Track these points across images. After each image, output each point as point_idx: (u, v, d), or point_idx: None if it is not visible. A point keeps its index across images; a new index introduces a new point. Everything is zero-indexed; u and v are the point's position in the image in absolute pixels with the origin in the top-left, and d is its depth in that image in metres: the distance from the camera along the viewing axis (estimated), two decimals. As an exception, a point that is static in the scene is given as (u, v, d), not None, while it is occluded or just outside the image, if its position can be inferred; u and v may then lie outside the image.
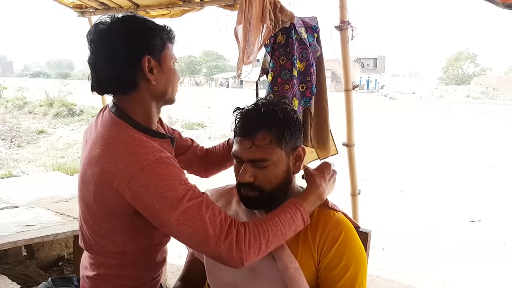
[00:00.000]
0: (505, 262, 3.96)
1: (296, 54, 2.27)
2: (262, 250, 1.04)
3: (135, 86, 1.15)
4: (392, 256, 3.92)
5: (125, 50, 1.12)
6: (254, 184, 1.11)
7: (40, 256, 3.28)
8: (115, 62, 1.12)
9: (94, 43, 1.14)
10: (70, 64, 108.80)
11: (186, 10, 2.98)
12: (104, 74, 1.14)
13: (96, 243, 1.21)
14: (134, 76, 1.14)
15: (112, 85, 1.16)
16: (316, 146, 2.56)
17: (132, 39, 1.13)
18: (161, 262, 1.35)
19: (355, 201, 2.57)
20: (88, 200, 1.16)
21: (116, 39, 1.12)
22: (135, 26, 1.15)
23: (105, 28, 1.13)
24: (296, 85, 2.30)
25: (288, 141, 1.11)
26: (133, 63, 1.13)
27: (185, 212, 1.02)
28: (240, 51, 2.16)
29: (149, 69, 1.14)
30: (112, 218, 1.15)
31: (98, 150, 1.11)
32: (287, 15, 2.24)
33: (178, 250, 1.40)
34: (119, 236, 1.18)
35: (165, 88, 1.20)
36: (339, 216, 1.16)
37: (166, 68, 1.19)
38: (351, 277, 1.09)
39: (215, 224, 1.02)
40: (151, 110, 1.20)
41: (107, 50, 1.13)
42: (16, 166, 8.54)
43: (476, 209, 5.60)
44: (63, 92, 17.72)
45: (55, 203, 3.05)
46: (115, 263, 1.23)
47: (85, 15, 3.48)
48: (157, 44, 1.16)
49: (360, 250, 1.13)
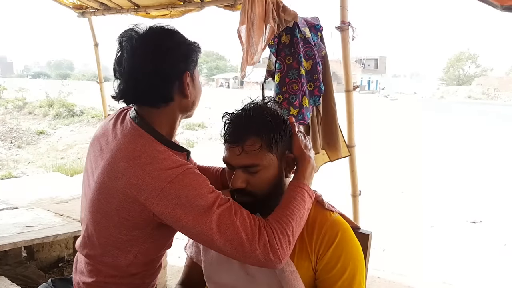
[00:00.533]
0: (506, 263, 3.95)
1: (302, 53, 2.26)
2: (291, 242, 1.05)
3: (171, 100, 1.15)
4: (393, 257, 3.91)
5: (172, 64, 1.12)
6: (246, 189, 1.10)
7: (40, 257, 3.26)
8: (159, 75, 1.11)
9: (136, 50, 1.11)
10: (70, 64, 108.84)
11: (186, 11, 2.97)
12: (144, 84, 1.12)
13: (105, 253, 1.18)
14: (173, 90, 1.14)
15: (149, 97, 1.14)
16: (326, 147, 2.52)
17: (179, 54, 1.13)
18: (159, 268, 1.34)
19: (356, 202, 2.57)
20: (108, 212, 1.12)
21: (164, 52, 1.11)
22: (181, 41, 1.15)
23: (150, 36, 1.13)
24: (305, 84, 2.29)
25: (279, 144, 1.10)
26: (176, 77, 1.14)
27: (217, 219, 1.01)
28: (244, 51, 2.15)
29: (188, 85, 1.16)
30: (132, 230, 1.13)
31: (123, 163, 1.08)
32: (290, 14, 2.23)
33: (179, 252, 1.39)
34: (134, 247, 1.16)
35: (194, 103, 1.22)
36: (335, 217, 1.16)
37: (196, 84, 1.21)
38: (348, 278, 1.08)
39: (246, 228, 1.02)
40: (176, 123, 1.21)
41: (152, 60, 1.10)
42: (16, 167, 8.54)
43: (477, 210, 5.59)
44: (63, 93, 17.72)
45: (55, 204, 3.05)
46: (116, 273, 1.21)
47: (85, 16, 3.48)
48: (194, 60, 1.18)
49: (358, 250, 1.12)
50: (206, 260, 1.23)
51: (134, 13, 3.18)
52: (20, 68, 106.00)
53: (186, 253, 1.34)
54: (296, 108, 2.29)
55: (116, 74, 1.15)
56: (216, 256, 1.20)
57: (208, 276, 1.23)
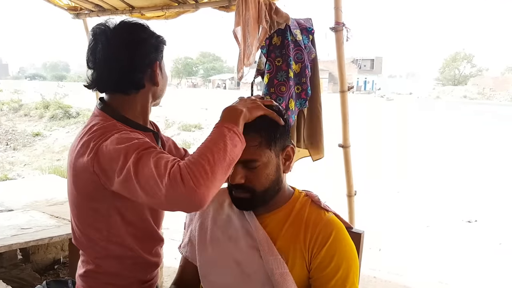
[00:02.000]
0: (501, 262, 3.97)
1: (292, 56, 2.28)
2: (209, 172, 0.97)
3: (142, 87, 1.24)
4: (388, 257, 3.92)
5: (144, 54, 1.22)
6: (245, 185, 1.12)
7: (35, 259, 3.26)
8: (133, 64, 1.20)
9: (111, 41, 1.19)
10: (66, 66, 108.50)
11: (181, 12, 2.98)
12: (118, 73, 1.20)
13: (82, 233, 1.25)
14: (144, 78, 1.23)
15: (122, 84, 1.22)
16: (309, 147, 2.57)
17: (150, 45, 1.23)
18: (151, 264, 1.35)
19: (351, 202, 2.58)
20: (72, 190, 1.22)
21: (136, 42, 1.21)
22: (151, 34, 1.25)
23: (124, 29, 1.22)
24: (292, 87, 2.31)
25: (277, 142, 1.13)
26: (148, 66, 1.23)
27: (136, 162, 1.01)
28: (241, 52, 2.17)
29: (158, 73, 1.26)
30: (93, 203, 1.19)
31: (78, 138, 1.19)
32: (282, 16, 2.25)
33: (175, 253, 1.40)
34: (101, 223, 1.21)
35: (162, 91, 1.32)
36: (329, 216, 1.17)
37: (164, 73, 1.31)
38: (342, 276, 1.09)
39: (159, 167, 0.99)
40: (147, 109, 1.29)
41: (126, 51, 1.19)
42: (12, 169, 8.50)
43: (473, 210, 5.61)
44: (59, 94, 17.63)
45: (50, 206, 3.03)
46: (101, 255, 1.25)
47: (80, 17, 3.48)
48: (161, 51, 1.28)
49: (351, 249, 1.13)
50: (202, 259, 1.24)
51: (128, 14, 3.18)
52: (15, 70, 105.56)
53: (181, 252, 1.34)
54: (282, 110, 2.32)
55: (89, 64, 1.23)
56: (212, 255, 1.21)
57: (204, 275, 1.24)
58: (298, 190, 1.25)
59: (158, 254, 1.38)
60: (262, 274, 1.12)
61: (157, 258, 1.37)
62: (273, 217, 1.18)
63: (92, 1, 3.18)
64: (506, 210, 5.66)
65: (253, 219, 1.17)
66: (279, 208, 1.19)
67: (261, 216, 1.18)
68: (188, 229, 1.32)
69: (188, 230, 1.32)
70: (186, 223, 1.34)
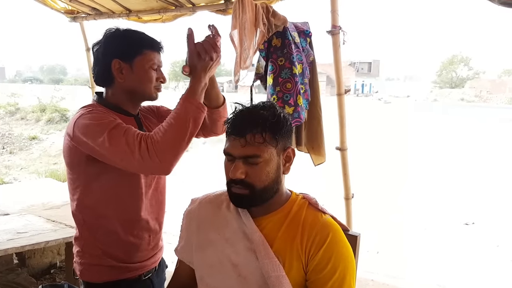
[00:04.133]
0: (499, 264, 3.97)
1: (294, 54, 2.27)
2: (172, 147, 1.24)
3: (111, 82, 1.41)
4: (386, 260, 3.92)
5: (101, 54, 1.40)
6: (245, 181, 1.11)
7: (31, 263, 3.23)
8: (97, 63, 1.42)
9: (95, 47, 1.43)
10: (63, 69, 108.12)
11: (178, 15, 2.98)
12: (94, 71, 1.45)
13: (70, 200, 1.45)
14: (109, 74, 1.40)
15: (97, 80, 1.45)
16: (310, 151, 2.56)
17: (107, 45, 1.40)
18: (131, 245, 1.46)
19: (348, 205, 2.57)
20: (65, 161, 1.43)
21: (99, 45, 1.41)
22: (112, 35, 1.41)
23: (101, 36, 1.42)
24: (298, 83, 2.30)
25: (280, 140, 1.13)
26: (107, 64, 1.39)
27: (110, 138, 1.23)
28: (237, 56, 2.17)
29: (119, 70, 1.38)
30: (72, 168, 1.40)
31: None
32: (280, 19, 2.25)
33: (172, 257, 1.39)
34: (78, 187, 1.40)
35: (135, 86, 1.41)
36: (326, 218, 1.17)
37: (137, 70, 1.40)
38: (339, 278, 1.09)
39: (130, 144, 1.22)
40: (124, 100, 1.44)
41: (95, 54, 1.43)
42: (8, 173, 8.47)
43: (470, 212, 5.62)
44: (56, 98, 17.54)
45: (46, 210, 3.02)
46: (80, 224, 1.44)
47: (77, 21, 3.47)
48: (128, 49, 1.38)
49: (348, 251, 1.13)
50: (199, 261, 1.23)
51: (125, 17, 3.18)
52: (12, 73, 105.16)
53: (177, 255, 1.33)
54: (291, 106, 2.30)
55: None
56: (208, 258, 1.20)
57: (200, 277, 1.23)
58: (295, 193, 1.25)
59: (141, 237, 1.48)
60: (259, 277, 1.11)
61: (137, 240, 1.47)
62: (270, 219, 1.17)
63: (89, 4, 3.17)
64: (504, 212, 5.67)
65: (249, 221, 1.17)
66: (276, 210, 1.18)
67: (258, 218, 1.18)
68: (184, 232, 1.31)
69: (184, 233, 1.31)
70: (182, 225, 1.33)
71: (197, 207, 1.30)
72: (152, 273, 1.57)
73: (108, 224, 1.42)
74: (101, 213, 1.41)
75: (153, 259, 1.56)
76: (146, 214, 1.48)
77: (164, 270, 1.69)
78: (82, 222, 1.45)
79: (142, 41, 1.40)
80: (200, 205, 1.30)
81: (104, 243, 1.43)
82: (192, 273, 1.27)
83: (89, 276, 1.46)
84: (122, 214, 1.43)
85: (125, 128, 1.26)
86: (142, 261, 1.51)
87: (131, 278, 1.48)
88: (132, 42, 1.40)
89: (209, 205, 1.28)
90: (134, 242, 1.47)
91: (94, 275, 1.45)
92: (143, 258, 1.51)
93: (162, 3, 2.90)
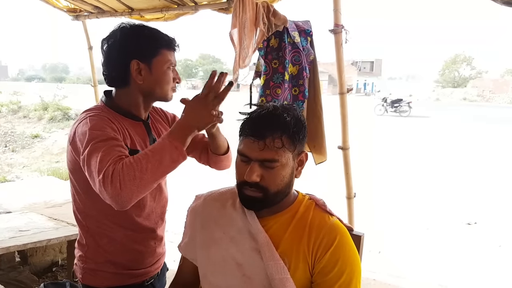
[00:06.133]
0: (501, 264, 3.96)
1: (288, 58, 2.28)
2: (137, 178, 1.11)
3: (127, 83, 1.35)
4: (388, 259, 3.91)
5: (117, 53, 1.33)
6: (259, 184, 1.10)
7: (33, 261, 3.24)
8: (112, 63, 1.35)
9: (104, 45, 1.36)
10: (65, 68, 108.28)
11: (181, 14, 2.98)
12: (107, 71, 1.37)
13: (73, 206, 1.43)
14: (125, 75, 1.34)
15: (111, 80, 1.39)
16: (312, 150, 2.55)
17: (124, 44, 1.32)
18: (137, 253, 1.44)
19: (350, 204, 2.57)
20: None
21: (113, 43, 1.34)
22: (129, 33, 1.34)
23: (113, 33, 1.35)
24: (287, 89, 2.31)
25: (297, 145, 1.13)
26: (124, 65, 1.33)
27: (89, 153, 1.17)
28: (236, 54, 2.17)
29: (137, 71, 1.33)
30: (73, 175, 1.36)
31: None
32: (280, 19, 2.25)
33: (174, 255, 1.39)
34: (80, 194, 1.37)
35: (153, 88, 1.37)
36: (334, 221, 1.16)
37: (156, 71, 1.35)
38: (345, 282, 1.08)
39: (102, 162, 1.13)
40: (138, 103, 1.40)
41: (108, 52, 1.35)
42: (11, 171, 8.48)
43: (472, 212, 5.60)
44: (58, 96, 17.58)
45: (48, 208, 3.03)
46: (84, 230, 1.41)
47: (80, 19, 3.47)
48: (146, 50, 1.33)
49: (355, 254, 1.13)
50: (203, 258, 1.23)
51: (128, 16, 3.18)
52: (15, 72, 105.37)
53: (181, 252, 1.33)
54: None
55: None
56: (213, 256, 1.20)
57: (204, 274, 1.23)
58: (302, 194, 1.24)
59: (146, 245, 1.46)
60: (264, 277, 1.11)
61: (142, 247, 1.45)
62: (277, 219, 1.17)
63: (91, 3, 3.17)
64: (506, 212, 5.65)
65: (255, 221, 1.16)
66: (283, 211, 1.18)
67: (264, 218, 1.17)
68: (188, 228, 1.31)
69: (188, 229, 1.31)
70: (186, 222, 1.32)
71: (202, 204, 1.29)
72: (155, 278, 1.56)
73: (112, 233, 1.40)
74: (104, 221, 1.38)
75: (157, 265, 1.55)
76: (150, 221, 1.46)
77: (165, 273, 1.68)
78: (86, 229, 1.42)
79: (160, 41, 1.35)
80: (204, 202, 1.29)
81: (109, 251, 1.41)
82: (195, 270, 1.27)
83: (91, 281, 1.44)
84: (125, 223, 1.40)
85: (109, 145, 1.18)
86: (146, 267, 1.49)
87: (134, 284, 1.46)
88: (151, 41, 1.34)
89: (214, 202, 1.27)
90: (140, 250, 1.45)
91: (96, 280, 1.43)
92: (148, 264, 1.50)
93: (165, 1, 2.89)
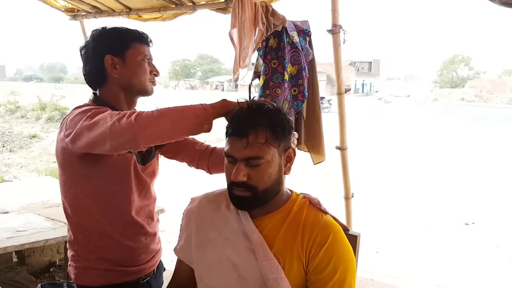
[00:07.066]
0: (498, 264, 3.97)
1: (287, 58, 2.28)
2: (154, 116, 1.12)
3: (105, 79, 1.39)
4: (386, 260, 3.92)
5: (92, 53, 1.39)
6: (246, 183, 1.10)
7: (31, 262, 3.23)
8: (89, 64, 1.40)
9: (82, 51, 1.43)
10: (63, 67, 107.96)
11: (179, 14, 2.98)
12: (85, 72, 1.42)
13: (62, 203, 1.43)
14: (102, 71, 1.37)
15: (91, 80, 1.42)
16: (310, 150, 2.56)
17: (97, 44, 1.39)
18: (128, 249, 1.43)
19: (348, 204, 2.57)
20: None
21: (87, 46, 1.40)
22: (100, 33, 1.40)
23: (87, 40, 1.43)
24: (287, 89, 2.31)
25: (282, 141, 1.13)
26: (99, 62, 1.37)
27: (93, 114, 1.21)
28: (237, 54, 2.17)
29: (112, 66, 1.36)
30: (66, 169, 1.36)
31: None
32: (279, 18, 2.25)
33: (171, 256, 1.39)
34: (71, 187, 1.38)
35: (130, 80, 1.40)
36: (327, 219, 1.16)
37: (130, 63, 1.39)
38: (339, 279, 1.08)
39: (112, 113, 1.18)
40: (119, 98, 1.41)
41: (85, 56, 1.41)
42: (8, 171, 8.46)
43: (470, 212, 5.62)
44: (56, 96, 17.53)
45: (46, 208, 3.02)
46: (74, 226, 1.42)
47: (77, 19, 3.46)
48: (118, 44, 1.38)
49: (349, 252, 1.13)
50: (198, 260, 1.23)
51: (126, 16, 3.17)
52: (12, 72, 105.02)
53: (177, 254, 1.33)
54: None
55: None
56: (208, 257, 1.20)
57: (200, 276, 1.23)
58: (296, 193, 1.24)
59: (137, 241, 1.46)
60: (259, 277, 1.11)
61: (134, 244, 1.45)
62: (270, 219, 1.17)
63: (89, 2, 3.17)
64: (504, 212, 5.67)
65: (248, 222, 1.16)
66: (276, 210, 1.18)
67: (258, 218, 1.17)
68: (184, 231, 1.31)
69: (184, 232, 1.31)
70: (182, 224, 1.33)
71: (197, 206, 1.29)
72: (151, 276, 1.55)
73: (101, 228, 1.40)
74: (94, 216, 1.39)
75: (151, 262, 1.54)
76: (139, 218, 1.47)
77: (162, 273, 1.67)
78: (75, 225, 1.42)
79: (130, 35, 1.41)
80: (199, 205, 1.29)
81: (99, 247, 1.40)
82: (191, 272, 1.27)
83: (84, 280, 1.43)
84: (115, 217, 1.41)
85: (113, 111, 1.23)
86: (140, 264, 1.48)
87: (128, 282, 1.45)
88: (121, 36, 1.40)
89: (208, 204, 1.28)
90: (131, 246, 1.45)
91: (89, 279, 1.42)
92: (141, 261, 1.49)
93: (163, 1, 2.89)
